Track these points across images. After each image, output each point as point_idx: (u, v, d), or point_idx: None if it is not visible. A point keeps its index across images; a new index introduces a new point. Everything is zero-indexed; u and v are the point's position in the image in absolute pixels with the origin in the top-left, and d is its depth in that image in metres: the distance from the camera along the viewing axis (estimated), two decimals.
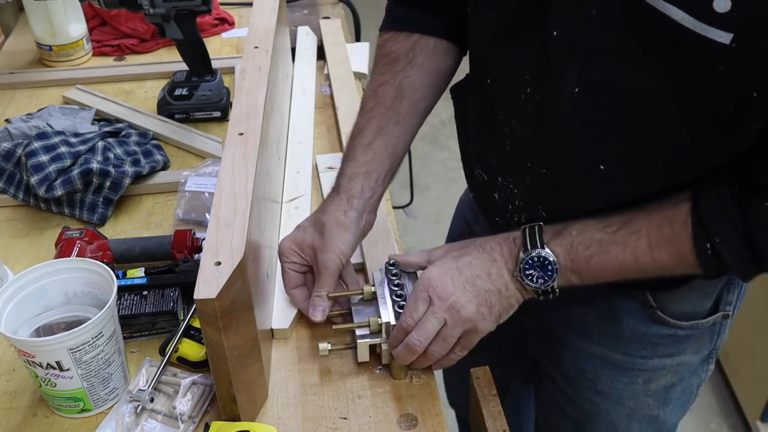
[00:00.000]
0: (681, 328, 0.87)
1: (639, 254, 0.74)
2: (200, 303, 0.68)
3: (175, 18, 1.24)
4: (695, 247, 0.71)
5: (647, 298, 0.86)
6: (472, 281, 0.79)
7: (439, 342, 0.79)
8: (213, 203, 0.77)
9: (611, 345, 0.90)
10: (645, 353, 0.89)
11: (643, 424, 0.97)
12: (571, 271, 0.77)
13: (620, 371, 0.92)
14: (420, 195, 1.78)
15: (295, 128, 1.25)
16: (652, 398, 0.94)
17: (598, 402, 0.96)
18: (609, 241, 0.75)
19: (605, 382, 0.93)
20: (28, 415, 0.83)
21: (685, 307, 0.87)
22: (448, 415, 0.83)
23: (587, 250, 0.76)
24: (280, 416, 0.82)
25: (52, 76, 1.44)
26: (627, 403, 0.94)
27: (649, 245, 0.73)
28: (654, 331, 0.87)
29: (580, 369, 0.94)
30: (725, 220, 0.70)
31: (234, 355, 0.73)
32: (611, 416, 0.96)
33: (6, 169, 1.13)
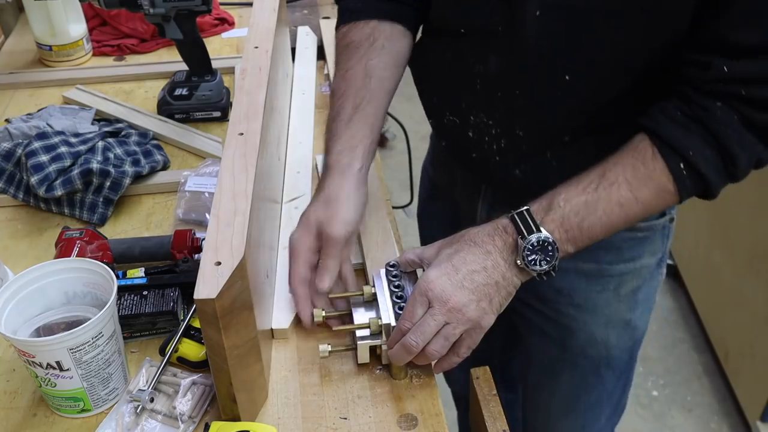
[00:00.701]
0: (639, 230, 0.98)
1: (623, 201, 0.79)
2: (200, 303, 0.68)
3: (175, 18, 1.24)
4: (671, 172, 0.78)
5: None
6: (469, 278, 0.79)
7: (439, 341, 0.79)
8: (213, 203, 0.77)
9: (582, 257, 0.92)
10: (611, 259, 0.99)
11: (619, 330, 1.05)
12: (566, 242, 0.81)
13: (592, 280, 1.01)
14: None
15: (295, 128, 1.25)
16: (623, 303, 1.03)
17: (576, 315, 1.03)
18: (594, 200, 0.79)
19: (581, 294, 1.02)
20: (28, 415, 0.83)
21: None
22: (448, 415, 0.83)
23: (577, 216, 0.80)
24: (280, 416, 0.82)
25: (52, 76, 1.44)
26: (602, 311, 1.03)
27: (629, 189, 0.79)
28: (618, 236, 0.91)
29: (556, 288, 1.02)
30: (688, 133, 0.78)
31: (234, 355, 0.73)
32: (590, 327, 1.04)
33: (6, 169, 1.13)
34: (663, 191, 0.80)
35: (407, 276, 0.88)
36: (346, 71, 0.97)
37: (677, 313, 2.32)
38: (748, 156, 0.78)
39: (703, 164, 0.78)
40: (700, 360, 2.17)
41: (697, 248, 2.20)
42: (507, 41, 0.86)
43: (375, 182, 1.11)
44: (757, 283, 1.85)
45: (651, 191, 0.79)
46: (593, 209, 0.79)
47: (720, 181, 0.79)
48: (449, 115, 0.98)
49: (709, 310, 2.17)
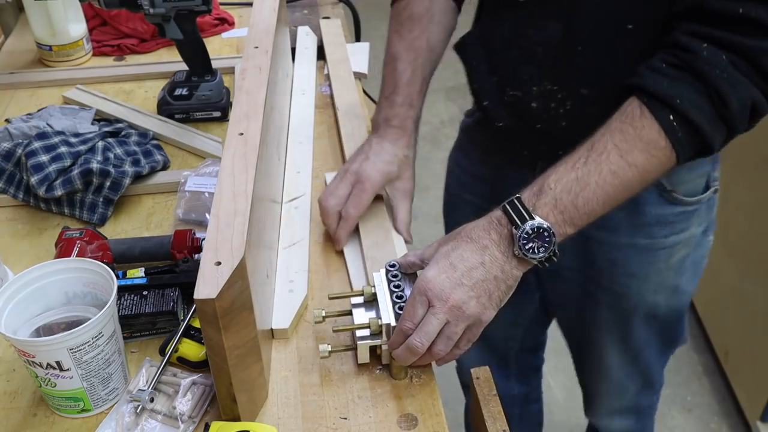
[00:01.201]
0: (689, 204, 1.02)
1: (615, 168, 0.78)
2: (200, 303, 0.68)
3: (175, 18, 1.24)
4: (661, 126, 0.77)
5: (662, 184, 0.98)
6: (468, 275, 0.79)
7: (443, 340, 0.79)
8: (213, 203, 0.77)
9: (637, 233, 1.03)
10: (664, 232, 1.03)
11: (666, 294, 1.12)
12: (563, 224, 0.80)
13: (646, 253, 1.06)
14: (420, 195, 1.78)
15: (295, 128, 1.25)
16: (672, 270, 1.09)
17: (629, 283, 1.09)
18: (585, 174, 0.78)
19: (634, 265, 1.07)
20: (28, 415, 0.83)
21: (689, 188, 1.01)
22: (448, 415, 0.83)
23: (570, 195, 0.78)
24: (280, 416, 0.82)
25: (52, 76, 1.44)
26: (653, 279, 1.09)
27: (620, 155, 0.77)
28: (670, 211, 1.02)
29: (611, 259, 1.07)
30: (674, 82, 0.76)
31: (234, 355, 0.73)
32: (641, 293, 1.10)
33: (6, 169, 1.13)
34: (655, 149, 0.77)
35: (407, 276, 0.88)
36: (413, 39, 1.04)
37: None
38: (740, 97, 0.76)
39: (693, 111, 0.76)
40: (700, 360, 2.17)
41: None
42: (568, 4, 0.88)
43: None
44: (757, 283, 1.85)
45: (642, 152, 0.77)
46: (585, 184, 0.78)
47: (714, 129, 0.77)
48: (510, 90, 0.99)
49: (709, 310, 2.17)
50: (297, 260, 0.99)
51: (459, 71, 1.03)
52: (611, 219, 0.95)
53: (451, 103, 3.25)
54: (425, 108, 1.08)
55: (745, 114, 0.77)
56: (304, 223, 1.05)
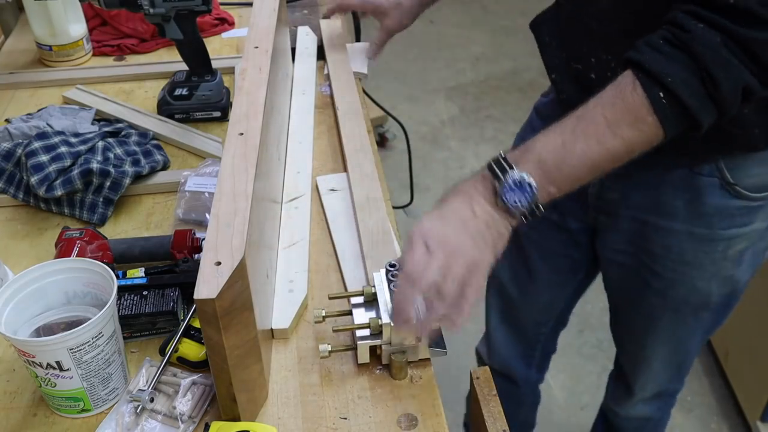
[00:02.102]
0: (754, 199, 1.02)
1: (602, 138, 0.79)
2: (200, 303, 0.68)
3: (175, 18, 1.24)
4: (650, 102, 0.77)
5: (726, 176, 0.98)
6: (461, 222, 0.80)
7: (449, 282, 0.76)
8: (213, 203, 0.77)
9: (696, 222, 1.04)
10: (724, 225, 1.03)
11: (721, 284, 1.12)
12: (546, 183, 0.80)
13: (703, 243, 1.06)
14: (420, 195, 1.79)
15: (295, 128, 1.25)
16: (728, 261, 1.09)
17: (683, 270, 1.10)
18: (571, 140, 0.79)
19: (689, 253, 1.07)
20: (28, 415, 0.83)
21: (755, 181, 1.00)
22: (448, 415, 0.83)
23: (555, 156, 0.80)
24: (280, 416, 0.82)
25: (52, 76, 1.44)
26: (708, 268, 1.09)
27: (608, 125, 0.78)
28: (732, 204, 1.01)
29: (666, 245, 1.08)
30: (668, 59, 0.77)
31: (234, 355, 0.73)
32: (694, 280, 1.11)
33: (6, 169, 1.13)
34: (642, 123, 0.78)
35: None
36: None
37: None
38: (731, 80, 0.76)
39: (682, 89, 0.76)
40: (700, 360, 2.17)
41: None
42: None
43: (375, 182, 1.11)
44: (757, 283, 1.84)
45: (629, 125, 0.78)
46: (571, 149, 0.79)
47: (703, 109, 0.77)
48: (573, 63, 1.03)
49: None
50: (297, 260, 0.99)
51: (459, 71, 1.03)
52: (669, 205, 1.04)
53: (451, 103, 3.25)
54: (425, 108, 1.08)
55: (736, 97, 0.78)
56: (304, 223, 1.05)
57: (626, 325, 1.31)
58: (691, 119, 0.78)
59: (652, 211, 1.06)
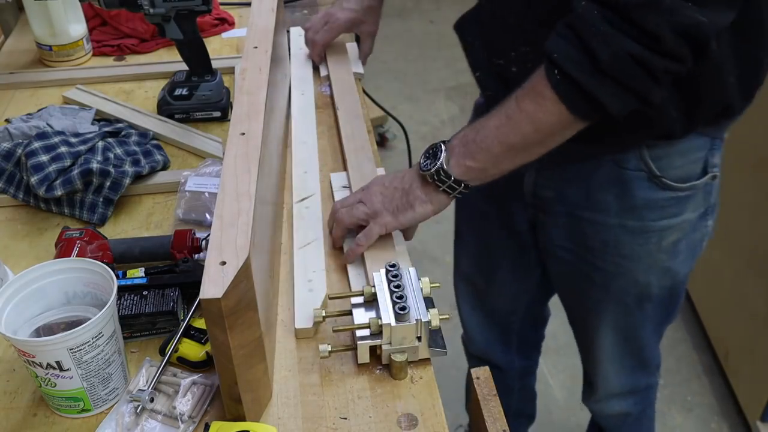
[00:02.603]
0: (681, 190, 1.05)
1: (510, 113, 0.89)
2: (206, 303, 0.68)
3: (175, 18, 1.24)
4: (548, 80, 0.84)
5: (652, 170, 1.01)
6: (390, 183, 0.99)
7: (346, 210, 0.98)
8: (216, 203, 0.77)
9: (627, 215, 1.07)
10: (655, 216, 1.07)
11: (659, 276, 1.15)
12: (464, 156, 0.92)
13: (637, 235, 1.09)
14: None
15: (297, 129, 1.25)
16: (664, 253, 1.11)
17: (621, 263, 1.13)
18: (488, 117, 0.92)
19: (626, 247, 1.10)
20: (28, 415, 0.83)
21: (680, 173, 1.04)
22: (448, 415, 0.83)
23: (473, 132, 0.92)
24: (280, 416, 0.82)
25: (52, 76, 1.44)
26: (645, 260, 1.12)
27: (516, 102, 0.88)
28: (661, 196, 1.05)
29: (603, 240, 1.11)
30: (559, 39, 0.83)
31: (239, 355, 0.73)
32: (633, 273, 1.14)
33: (6, 169, 1.13)
34: (541, 98, 0.85)
35: (407, 276, 0.88)
36: None
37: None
38: (612, 51, 0.78)
39: (567, 63, 0.81)
40: (700, 360, 2.17)
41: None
42: None
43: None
44: (757, 283, 1.85)
45: (531, 101, 0.86)
46: (486, 122, 0.91)
47: (595, 83, 0.80)
48: (495, 59, 1.06)
49: (709, 310, 2.17)
50: (313, 260, 0.99)
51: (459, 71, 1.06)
52: (601, 200, 1.07)
53: (451, 103, 3.25)
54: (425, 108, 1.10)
55: (623, 66, 0.79)
56: (316, 222, 1.06)
57: (576, 320, 1.34)
58: (587, 95, 0.82)
59: (586, 206, 1.09)
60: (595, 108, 0.83)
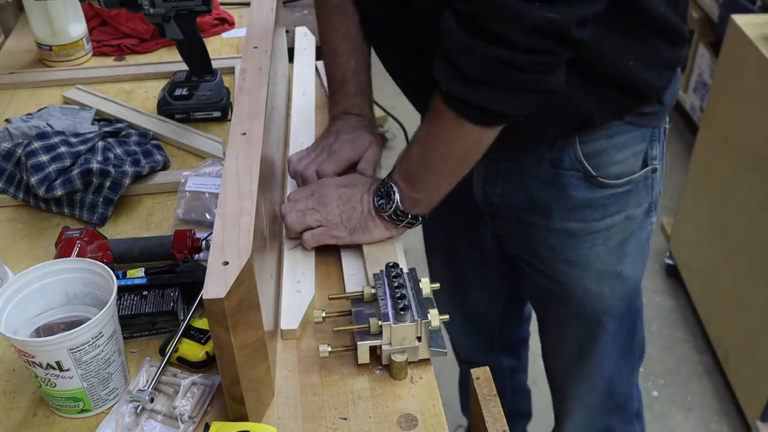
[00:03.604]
0: (620, 186, 1.02)
1: (423, 137, 0.91)
2: (209, 303, 0.68)
3: (175, 18, 1.24)
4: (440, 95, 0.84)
5: (588, 170, 0.99)
6: (347, 197, 0.98)
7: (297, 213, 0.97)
8: (218, 203, 0.77)
9: (569, 216, 1.04)
10: (597, 216, 1.04)
11: (612, 283, 1.11)
12: (409, 190, 0.94)
13: (581, 238, 1.06)
14: None
15: (296, 129, 1.25)
16: (612, 255, 1.09)
17: (570, 272, 1.10)
18: (410, 144, 0.94)
19: (571, 252, 1.08)
20: (28, 415, 0.83)
21: (620, 168, 1.01)
22: (448, 415, 0.83)
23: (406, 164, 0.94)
24: (280, 416, 0.82)
25: (52, 76, 1.44)
26: (593, 266, 1.09)
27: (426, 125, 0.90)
28: (600, 194, 1.02)
29: (549, 246, 1.08)
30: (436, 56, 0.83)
31: (242, 355, 0.73)
32: (583, 282, 1.11)
33: (6, 169, 1.13)
34: (443, 117, 0.85)
35: (407, 276, 0.88)
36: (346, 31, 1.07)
37: (677, 313, 2.32)
38: (472, 57, 0.78)
39: (442, 78, 0.82)
40: (700, 360, 2.17)
41: (697, 248, 2.20)
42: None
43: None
44: (757, 283, 1.85)
45: (436, 121, 0.87)
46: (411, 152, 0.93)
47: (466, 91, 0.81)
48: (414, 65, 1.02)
49: (709, 310, 2.17)
50: (303, 261, 0.99)
51: None
52: (543, 203, 1.05)
53: None
54: None
55: (489, 70, 0.78)
56: None
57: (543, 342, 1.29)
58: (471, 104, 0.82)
59: (530, 210, 1.07)
60: (490, 113, 0.82)
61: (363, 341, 0.84)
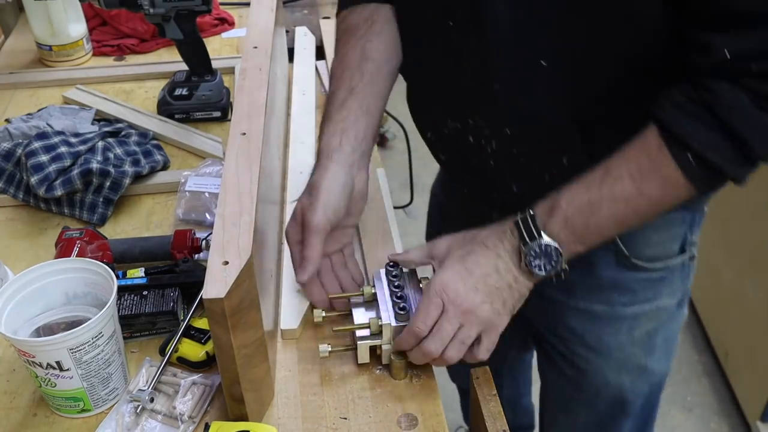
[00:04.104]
0: (654, 270, 0.92)
1: (629, 197, 0.75)
2: (209, 303, 0.68)
3: (175, 18, 1.24)
4: (678, 165, 0.72)
5: (620, 248, 0.89)
6: (483, 280, 0.79)
7: (456, 345, 0.80)
8: (218, 203, 0.77)
9: (593, 298, 0.94)
10: (625, 301, 0.94)
11: (633, 376, 1.01)
12: (573, 243, 0.78)
13: (604, 322, 0.96)
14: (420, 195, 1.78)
15: (297, 129, 1.25)
16: (637, 347, 0.98)
17: (590, 357, 1.00)
18: (597, 199, 0.76)
19: (593, 336, 0.97)
20: (28, 415, 0.83)
21: (655, 251, 0.91)
22: (448, 415, 0.83)
23: (581, 217, 0.77)
24: (280, 416, 0.82)
25: (52, 76, 1.44)
26: (615, 355, 0.98)
27: (634, 185, 0.74)
28: (630, 277, 0.92)
29: (568, 326, 0.98)
30: (692, 120, 0.71)
31: (242, 355, 0.73)
32: (603, 370, 1.00)
33: (6, 169, 1.13)
34: (671, 183, 0.74)
35: (407, 275, 0.88)
36: (344, 54, 0.93)
37: None
38: (763, 136, 0.70)
39: (712, 153, 0.71)
40: (700, 360, 2.17)
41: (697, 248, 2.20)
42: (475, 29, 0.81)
43: (375, 182, 1.11)
44: (757, 283, 1.85)
45: (657, 185, 0.74)
46: (597, 208, 0.76)
47: (737, 166, 0.72)
48: (450, 121, 0.91)
49: (709, 310, 2.17)
50: None
51: None
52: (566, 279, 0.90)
53: None
54: None
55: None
56: None
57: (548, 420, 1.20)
58: (725, 177, 0.74)
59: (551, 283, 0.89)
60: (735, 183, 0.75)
61: (363, 341, 0.84)
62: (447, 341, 0.79)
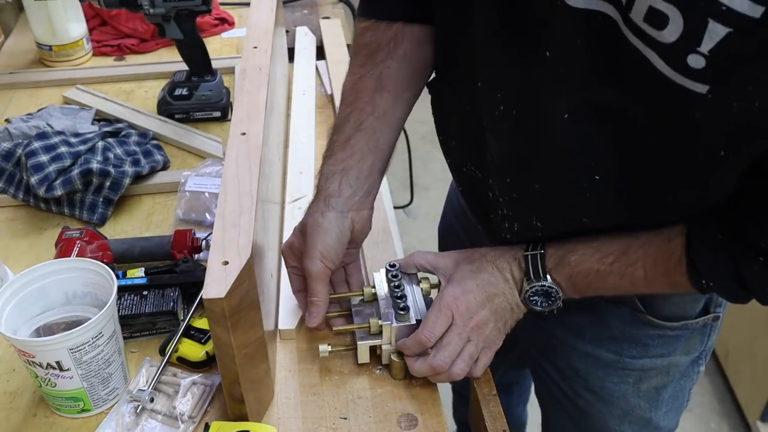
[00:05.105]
0: (670, 328, 0.88)
1: (636, 282, 0.76)
2: (209, 303, 0.68)
3: (175, 18, 1.24)
4: (692, 283, 0.73)
5: (636, 304, 0.87)
6: (491, 299, 0.81)
7: (464, 360, 0.81)
8: (218, 203, 0.77)
9: (602, 344, 0.91)
10: (635, 353, 0.91)
11: (636, 427, 0.97)
12: (573, 293, 0.81)
13: (610, 370, 0.93)
14: (420, 195, 1.78)
15: (296, 129, 1.25)
16: (643, 399, 0.95)
17: (591, 401, 0.97)
18: (606, 272, 0.77)
19: (596, 381, 0.95)
20: (28, 415, 0.83)
21: (675, 310, 0.87)
22: (448, 415, 0.83)
23: (586, 279, 0.78)
24: (280, 416, 0.82)
25: (52, 76, 1.44)
26: (618, 404, 0.95)
27: (645, 277, 0.75)
28: (644, 332, 0.89)
29: (572, 367, 0.96)
30: (718, 265, 0.70)
31: (242, 355, 0.73)
32: (604, 416, 0.97)
33: (6, 169, 1.13)
34: (680, 287, 0.74)
35: (407, 276, 0.88)
36: (359, 78, 0.86)
37: None
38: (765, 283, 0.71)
39: (726, 295, 0.75)
40: None
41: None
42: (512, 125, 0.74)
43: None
44: None
45: (666, 284, 0.75)
46: (603, 277, 0.77)
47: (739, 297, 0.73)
48: (471, 166, 0.86)
49: None
50: None
51: None
52: (575, 321, 0.91)
53: None
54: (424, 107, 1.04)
55: None
56: None
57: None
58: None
59: (559, 324, 0.91)
60: None
61: (363, 341, 0.84)
62: (455, 356, 0.80)
